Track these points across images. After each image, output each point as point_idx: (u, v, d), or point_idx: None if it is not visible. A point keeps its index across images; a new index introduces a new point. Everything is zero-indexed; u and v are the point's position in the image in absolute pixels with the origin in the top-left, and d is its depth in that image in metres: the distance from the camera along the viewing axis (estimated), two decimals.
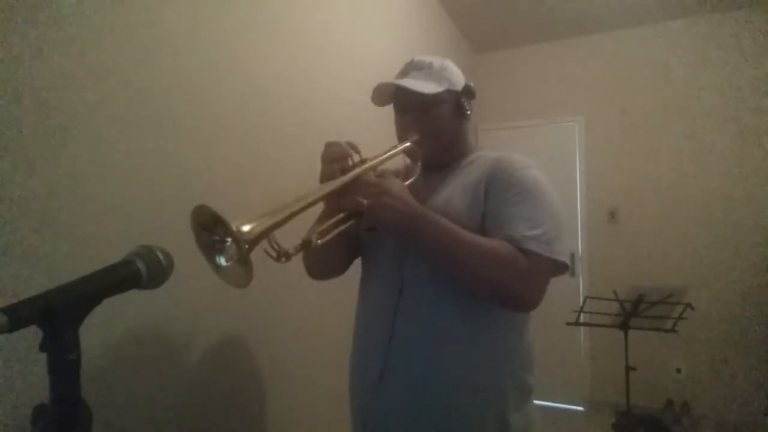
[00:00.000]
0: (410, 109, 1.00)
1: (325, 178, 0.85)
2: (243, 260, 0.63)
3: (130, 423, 0.98)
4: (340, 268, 1.10)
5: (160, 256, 0.61)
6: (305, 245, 0.75)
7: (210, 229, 0.65)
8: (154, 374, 1.06)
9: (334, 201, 0.83)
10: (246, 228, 0.64)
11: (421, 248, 0.89)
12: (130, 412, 0.99)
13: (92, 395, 0.54)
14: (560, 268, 0.90)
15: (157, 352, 1.07)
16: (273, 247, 0.69)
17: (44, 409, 0.50)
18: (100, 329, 0.88)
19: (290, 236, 0.75)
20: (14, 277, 0.79)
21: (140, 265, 0.58)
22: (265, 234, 0.67)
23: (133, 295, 0.59)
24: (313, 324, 1.63)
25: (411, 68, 1.00)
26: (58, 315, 0.50)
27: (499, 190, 0.93)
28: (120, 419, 0.96)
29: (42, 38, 0.86)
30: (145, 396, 1.03)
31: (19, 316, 0.46)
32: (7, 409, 0.77)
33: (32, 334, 0.49)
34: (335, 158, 0.85)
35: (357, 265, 1.12)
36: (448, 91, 0.98)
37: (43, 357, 0.49)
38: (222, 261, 0.67)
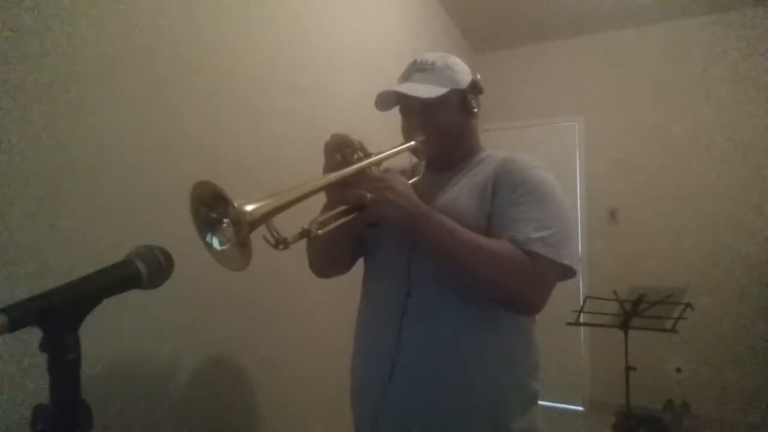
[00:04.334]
0: (415, 112, 0.99)
1: (327, 169, 0.85)
2: (242, 242, 0.63)
3: (130, 423, 0.98)
4: (344, 266, 1.10)
5: (160, 256, 0.61)
6: (304, 234, 0.74)
7: (211, 206, 0.65)
8: (153, 374, 1.06)
9: (336, 193, 0.82)
10: (248, 208, 0.63)
11: (423, 247, 0.89)
12: (130, 412, 0.99)
13: (92, 395, 0.54)
14: (567, 272, 0.89)
15: (156, 352, 1.07)
16: (272, 234, 0.69)
17: (44, 409, 0.50)
18: (100, 329, 0.88)
19: (291, 231, 0.74)
20: (14, 277, 0.79)
21: (140, 265, 0.58)
22: (266, 217, 0.66)
23: (133, 295, 0.59)
24: (313, 323, 1.63)
25: (413, 70, 0.98)
26: (58, 315, 0.50)
27: (506, 191, 0.92)
28: (120, 419, 0.95)
29: (41, 37, 0.85)
30: (145, 396, 1.03)
31: (19, 316, 0.46)
32: (7, 409, 0.77)
33: (32, 334, 0.49)
34: (337, 148, 0.85)
35: (358, 265, 1.12)
36: (453, 91, 0.97)
37: (43, 357, 0.49)
38: (218, 241, 0.66)
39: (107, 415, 0.91)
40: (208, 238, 0.66)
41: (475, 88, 1.02)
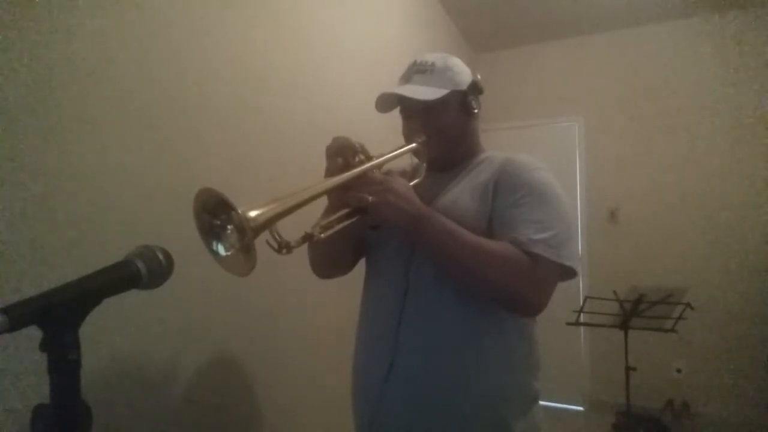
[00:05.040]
0: (415, 114, 0.99)
1: (329, 172, 0.85)
2: (246, 247, 0.63)
3: (130, 423, 0.98)
4: (345, 267, 1.10)
5: (160, 256, 0.60)
6: (307, 238, 0.75)
7: (214, 213, 0.65)
8: (153, 374, 1.06)
9: (338, 196, 0.82)
10: (252, 214, 0.63)
11: (425, 249, 0.88)
12: (130, 412, 0.99)
13: (92, 395, 0.54)
14: (568, 273, 0.89)
15: (156, 352, 1.07)
16: (275, 238, 0.69)
17: (44, 409, 0.50)
18: (100, 329, 0.88)
19: (293, 234, 0.74)
20: (14, 277, 0.79)
21: (140, 265, 0.58)
22: (269, 223, 0.66)
23: (133, 295, 0.59)
24: (314, 323, 1.63)
25: (413, 72, 0.98)
26: (58, 315, 0.50)
27: (507, 192, 0.92)
28: (120, 419, 0.95)
29: (41, 38, 0.85)
30: (145, 396, 1.03)
31: (19, 316, 0.46)
32: (7, 409, 0.77)
33: (32, 334, 0.49)
34: (339, 151, 0.85)
35: (359, 265, 1.12)
36: (453, 92, 0.97)
37: (43, 357, 0.49)
38: (223, 248, 0.66)
39: (107, 415, 0.91)
40: (213, 246, 0.66)
41: (475, 88, 1.01)
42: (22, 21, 0.82)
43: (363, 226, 0.89)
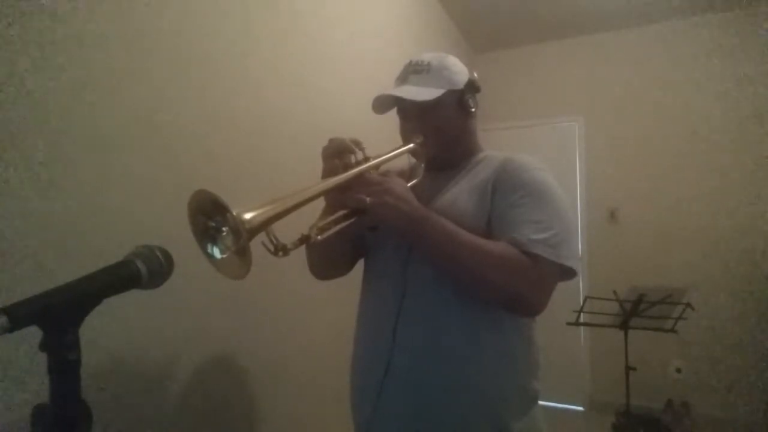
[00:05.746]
0: (412, 114, 0.99)
1: (326, 173, 0.85)
2: (242, 250, 0.62)
3: (130, 423, 0.98)
4: (343, 268, 1.10)
5: (160, 256, 0.61)
6: (304, 240, 0.75)
7: (209, 215, 0.65)
8: (153, 374, 1.06)
9: (335, 197, 0.82)
10: (247, 216, 0.63)
11: (423, 250, 0.88)
12: (130, 412, 0.99)
13: (92, 395, 0.54)
14: (568, 273, 0.89)
15: (156, 352, 1.07)
16: (271, 241, 0.69)
17: (44, 409, 0.50)
18: (100, 329, 0.88)
19: (291, 235, 0.74)
20: (14, 277, 0.79)
21: (140, 265, 0.58)
22: (265, 225, 0.66)
23: (133, 295, 0.59)
24: (313, 323, 1.63)
25: (409, 72, 0.98)
26: (58, 315, 0.50)
27: (506, 192, 0.91)
28: (120, 419, 0.95)
29: (41, 39, 0.85)
30: (144, 396, 1.03)
31: (19, 316, 0.46)
32: (7, 409, 0.77)
33: (32, 334, 0.49)
34: (335, 153, 0.85)
35: (358, 265, 1.12)
36: (450, 92, 0.96)
37: (43, 357, 0.49)
38: (218, 250, 0.66)
39: (107, 415, 0.91)
40: (208, 249, 0.66)
41: (472, 87, 1.01)
42: (24, 23, 0.82)
43: (361, 227, 0.89)
